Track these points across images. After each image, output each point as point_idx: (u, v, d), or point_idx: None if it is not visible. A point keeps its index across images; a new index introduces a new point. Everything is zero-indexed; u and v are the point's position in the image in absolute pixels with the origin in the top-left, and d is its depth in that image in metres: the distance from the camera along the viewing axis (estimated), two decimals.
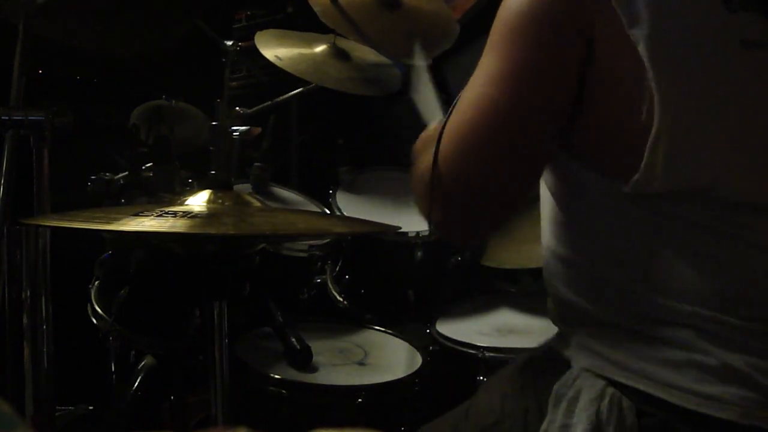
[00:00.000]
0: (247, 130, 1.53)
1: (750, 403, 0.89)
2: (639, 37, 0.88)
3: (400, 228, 1.65)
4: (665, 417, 0.91)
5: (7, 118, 1.41)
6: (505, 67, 0.94)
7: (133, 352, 1.81)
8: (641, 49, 0.88)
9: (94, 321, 1.76)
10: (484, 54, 0.98)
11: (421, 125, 1.19)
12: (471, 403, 1.13)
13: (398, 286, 2.03)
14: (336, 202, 2.09)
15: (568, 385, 0.98)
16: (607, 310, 0.98)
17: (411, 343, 1.80)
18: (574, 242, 1.02)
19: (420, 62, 1.39)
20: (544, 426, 0.98)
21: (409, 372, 1.64)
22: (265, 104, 2.33)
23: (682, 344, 0.92)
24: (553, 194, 1.05)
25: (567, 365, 1.01)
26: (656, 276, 0.94)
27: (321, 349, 1.70)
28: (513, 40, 0.94)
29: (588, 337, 0.99)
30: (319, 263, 2.06)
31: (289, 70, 2.14)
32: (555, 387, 0.99)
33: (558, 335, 1.08)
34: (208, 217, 1.21)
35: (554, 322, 1.10)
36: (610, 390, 0.95)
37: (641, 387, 0.93)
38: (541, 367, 1.08)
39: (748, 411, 0.88)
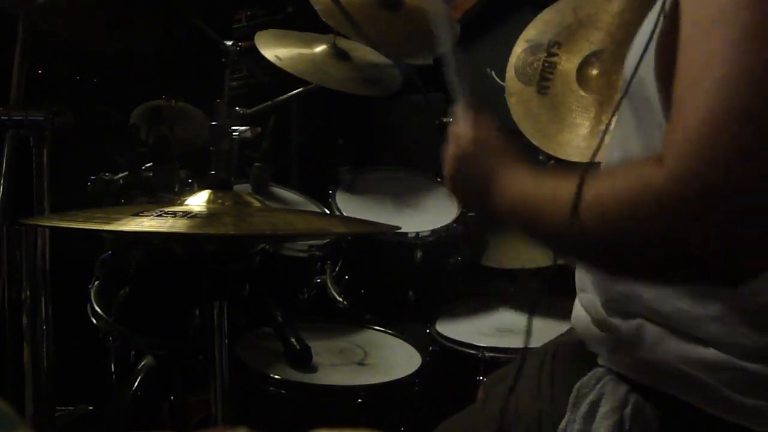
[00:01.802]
0: (247, 130, 1.53)
1: None
2: None
3: (400, 228, 1.65)
4: (693, 425, 0.86)
5: (7, 118, 1.41)
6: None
7: (133, 352, 1.81)
8: None
9: (94, 321, 1.76)
10: (707, 26, 0.71)
11: (421, 125, 1.17)
12: (484, 405, 1.09)
13: (398, 286, 2.03)
14: (336, 202, 2.09)
15: (590, 385, 0.94)
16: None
17: (411, 343, 1.80)
18: None
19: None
20: (562, 425, 0.94)
21: (409, 372, 1.64)
22: (265, 104, 2.33)
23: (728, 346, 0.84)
24: None
25: (591, 361, 0.96)
26: None
27: (321, 349, 1.70)
28: None
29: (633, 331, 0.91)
30: (319, 263, 2.06)
31: (289, 70, 2.14)
32: (577, 385, 0.95)
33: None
34: (208, 217, 1.21)
35: (594, 316, 0.97)
36: (634, 397, 0.90)
37: (676, 393, 0.86)
38: (563, 361, 1.03)
39: None
